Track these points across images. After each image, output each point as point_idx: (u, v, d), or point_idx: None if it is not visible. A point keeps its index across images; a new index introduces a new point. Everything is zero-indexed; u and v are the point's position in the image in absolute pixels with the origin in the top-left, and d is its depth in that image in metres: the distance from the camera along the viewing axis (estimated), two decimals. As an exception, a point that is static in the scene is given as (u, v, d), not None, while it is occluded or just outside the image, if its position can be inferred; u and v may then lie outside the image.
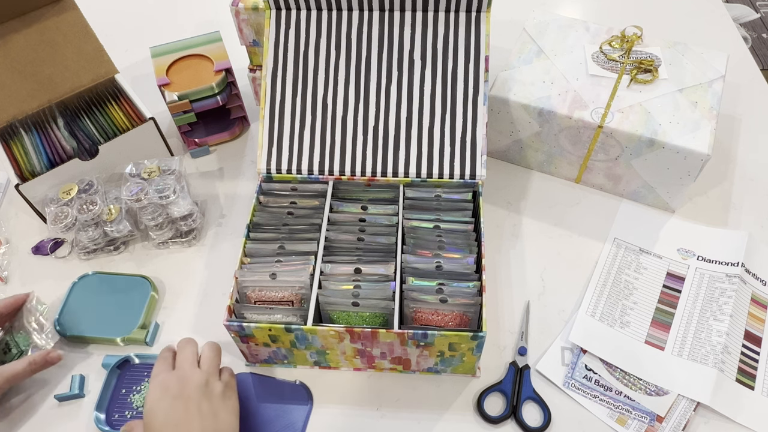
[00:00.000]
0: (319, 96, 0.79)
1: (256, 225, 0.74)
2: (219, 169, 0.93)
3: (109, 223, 0.80)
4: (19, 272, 0.83)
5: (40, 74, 0.82)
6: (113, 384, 0.70)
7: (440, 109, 0.77)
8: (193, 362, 0.61)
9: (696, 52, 0.87)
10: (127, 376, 0.70)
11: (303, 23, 0.79)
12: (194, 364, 0.61)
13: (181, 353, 0.63)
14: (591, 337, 0.73)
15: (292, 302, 0.69)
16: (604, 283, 0.79)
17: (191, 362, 0.61)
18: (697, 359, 0.71)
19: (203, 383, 0.59)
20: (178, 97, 0.86)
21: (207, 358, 0.62)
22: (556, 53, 0.88)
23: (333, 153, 0.78)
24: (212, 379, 0.61)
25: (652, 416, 0.67)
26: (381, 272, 0.69)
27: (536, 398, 0.69)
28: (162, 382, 0.59)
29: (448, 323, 0.67)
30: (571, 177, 0.90)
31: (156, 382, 0.59)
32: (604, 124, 0.79)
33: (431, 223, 0.73)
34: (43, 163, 0.81)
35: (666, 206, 0.86)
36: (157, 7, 1.20)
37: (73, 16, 0.85)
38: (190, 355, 0.62)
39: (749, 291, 0.77)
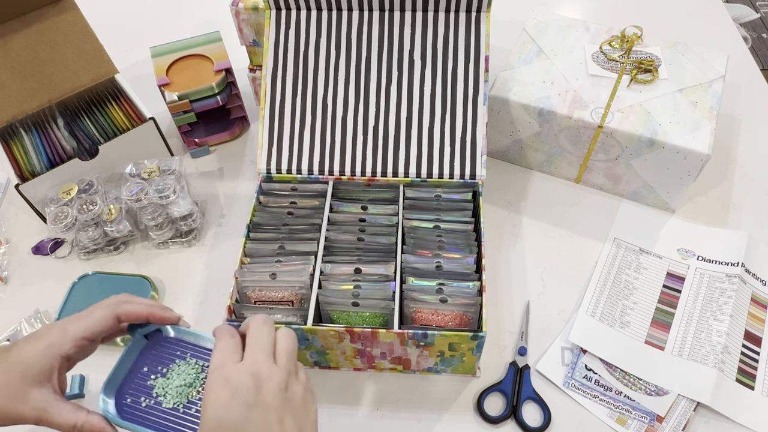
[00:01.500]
0: (319, 96, 0.79)
1: (256, 225, 0.74)
2: (219, 169, 0.93)
3: (109, 223, 0.80)
4: (19, 272, 0.83)
5: (40, 74, 0.82)
6: (134, 359, 0.52)
7: (440, 109, 0.77)
8: (270, 354, 0.46)
9: (696, 52, 0.87)
10: (154, 352, 0.53)
11: (303, 23, 0.79)
12: (271, 357, 0.46)
13: (254, 339, 0.46)
14: (591, 337, 0.73)
15: (292, 302, 0.69)
16: (604, 283, 0.79)
17: (268, 354, 0.46)
18: (697, 359, 0.71)
19: (283, 386, 0.44)
20: (178, 97, 0.86)
21: (284, 350, 0.47)
22: (556, 53, 0.88)
23: (333, 153, 0.78)
24: (292, 379, 0.46)
25: (652, 416, 0.67)
26: (381, 272, 0.69)
27: (536, 398, 0.69)
28: (230, 379, 0.43)
29: (448, 323, 0.67)
30: (571, 177, 0.90)
31: (220, 379, 0.44)
32: (604, 124, 0.79)
33: (431, 223, 0.73)
34: (43, 163, 0.81)
35: (666, 206, 0.86)
36: (157, 7, 1.20)
37: (73, 16, 0.85)
38: (267, 343, 0.46)
39: (749, 291, 0.77)
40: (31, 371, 0.48)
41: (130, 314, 0.51)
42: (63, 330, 0.49)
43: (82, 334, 0.49)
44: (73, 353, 0.49)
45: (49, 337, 0.49)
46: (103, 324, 0.50)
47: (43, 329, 0.50)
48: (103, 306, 0.51)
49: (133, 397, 0.50)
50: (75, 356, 0.50)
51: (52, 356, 0.48)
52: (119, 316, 0.51)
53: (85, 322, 0.50)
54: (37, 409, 0.47)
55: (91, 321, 0.50)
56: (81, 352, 0.50)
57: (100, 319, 0.50)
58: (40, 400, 0.48)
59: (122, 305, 0.51)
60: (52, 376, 0.48)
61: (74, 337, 0.49)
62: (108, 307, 0.51)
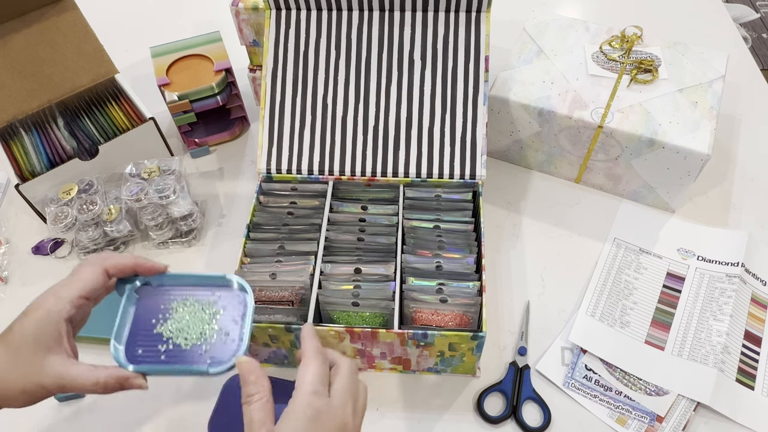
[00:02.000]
0: (319, 96, 0.79)
1: (256, 225, 0.74)
2: (219, 169, 0.93)
3: (109, 223, 0.80)
4: (19, 272, 0.83)
5: (40, 74, 0.82)
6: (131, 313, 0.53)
7: (440, 109, 0.77)
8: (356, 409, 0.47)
9: (696, 52, 0.87)
10: (149, 302, 0.54)
11: (303, 23, 0.79)
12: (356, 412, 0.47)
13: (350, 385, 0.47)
14: (591, 337, 0.73)
15: (292, 302, 0.69)
16: (604, 283, 0.79)
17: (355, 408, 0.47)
18: (697, 359, 0.71)
19: None
20: (178, 97, 0.86)
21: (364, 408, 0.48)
22: (556, 53, 0.88)
23: (333, 153, 0.78)
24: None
25: (652, 416, 0.67)
26: (381, 272, 0.69)
27: (536, 398, 0.69)
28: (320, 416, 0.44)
29: (448, 323, 0.67)
30: (571, 177, 0.90)
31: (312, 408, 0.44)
32: (604, 124, 0.79)
33: (431, 223, 0.73)
34: (43, 163, 0.81)
35: (666, 206, 0.86)
36: (157, 7, 1.20)
37: (73, 16, 0.85)
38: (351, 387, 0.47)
39: (749, 291, 0.77)
40: (40, 341, 0.47)
41: (117, 266, 0.51)
42: (56, 295, 0.49)
43: (78, 293, 0.49)
44: (74, 314, 0.49)
45: (45, 304, 0.49)
46: (94, 280, 0.50)
47: (35, 301, 0.50)
48: (89, 263, 0.51)
49: (145, 347, 0.51)
50: (76, 318, 0.49)
51: (56, 321, 0.48)
52: (107, 269, 0.50)
53: (76, 282, 0.50)
54: (55, 375, 0.47)
55: (81, 280, 0.50)
56: (80, 312, 0.50)
57: (91, 276, 0.50)
58: (57, 365, 0.47)
59: (108, 260, 0.51)
60: (61, 340, 0.48)
61: (71, 298, 0.49)
62: (94, 264, 0.51)
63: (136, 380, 0.48)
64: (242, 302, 0.53)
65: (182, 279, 0.54)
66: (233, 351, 0.50)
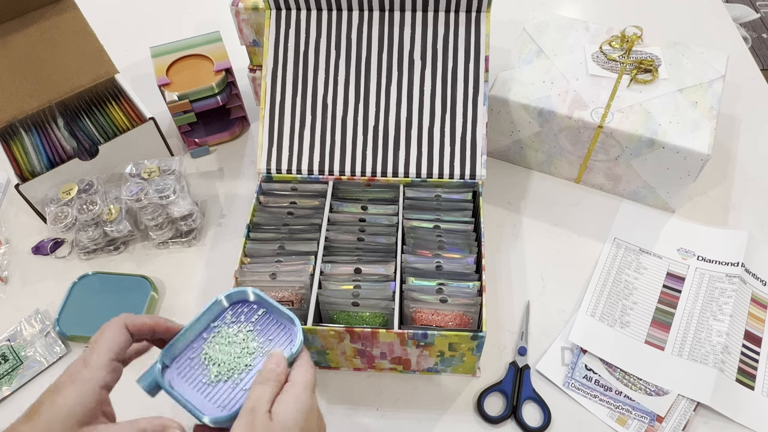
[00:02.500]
0: (319, 96, 0.79)
1: (256, 225, 0.74)
2: (219, 169, 0.93)
3: (109, 223, 0.80)
4: (19, 272, 0.83)
5: (40, 74, 0.82)
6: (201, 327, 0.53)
7: (440, 109, 0.77)
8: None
9: (696, 52, 0.87)
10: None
11: (303, 23, 0.79)
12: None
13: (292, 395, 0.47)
14: (591, 337, 0.73)
15: (292, 302, 0.69)
16: (604, 283, 0.79)
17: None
18: (697, 359, 0.71)
19: None
20: (178, 97, 0.86)
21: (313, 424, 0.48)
22: (556, 53, 0.88)
23: (333, 153, 0.78)
24: None
25: (652, 416, 0.67)
26: (381, 272, 0.69)
27: (536, 398, 0.69)
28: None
29: (448, 323, 0.67)
30: (571, 177, 0.90)
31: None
32: (604, 124, 0.79)
33: (431, 223, 0.73)
34: (43, 163, 0.81)
35: (666, 206, 0.86)
36: (157, 7, 1.20)
37: (73, 16, 0.86)
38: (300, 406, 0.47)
39: (749, 291, 0.77)
40: (74, 416, 0.45)
41: (137, 325, 0.49)
42: (87, 365, 0.47)
43: (108, 356, 0.47)
44: (110, 379, 0.47)
45: (78, 376, 0.46)
46: (119, 340, 0.48)
47: (64, 374, 0.47)
48: (110, 325, 0.49)
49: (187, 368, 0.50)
50: (113, 381, 0.47)
51: (92, 392, 0.45)
52: (127, 325, 0.49)
53: (103, 346, 0.48)
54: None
55: (107, 341, 0.48)
56: (116, 374, 0.48)
57: (115, 336, 0.48)
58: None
59: (126, 318, 0.50)
60: (98, 411, 0.46)
61: (103, 364, 0.47)
62: (114, 324, 0.49)
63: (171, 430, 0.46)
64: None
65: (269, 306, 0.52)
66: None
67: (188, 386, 0.49)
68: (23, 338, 0.74)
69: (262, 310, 0.52)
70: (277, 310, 0.51)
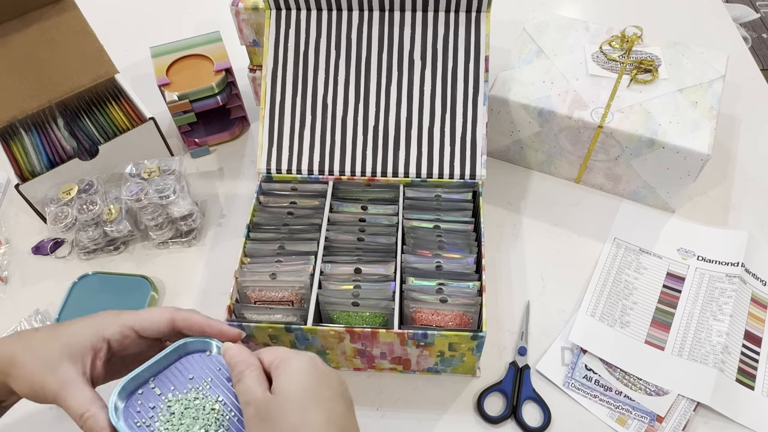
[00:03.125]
0: (319, 96, 0.79)
1: (256, 225, 0.74)
2: (219, 169, 0.93)
3: (109, 223, 0.80)
4: (19, 272, 0.83)
5: (40, 74, 0.82)
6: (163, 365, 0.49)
7: (440, 109, 0.77)
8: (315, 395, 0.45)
9: (696, 52, 0.87)
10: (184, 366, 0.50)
11: (303, 23, 0.79)
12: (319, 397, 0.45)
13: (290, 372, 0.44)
14: (591, 337, 0.73)
15: (292, 302, 0.69)
16: (604, 283, 0.79)
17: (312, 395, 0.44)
18: (697, 359, 0.71)
19: None
20: (178, 97, 0.86)
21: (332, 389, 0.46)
22: (556, 53, 0.88)
23: (333, 153, 0.78)
24: None
25: (652, 416, 0.67)
26: (381, 272, 0.69)
27: (536, 398, 0.69)
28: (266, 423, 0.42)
29: (448, 323, 0.67)
30: (571, 177, 0.90)
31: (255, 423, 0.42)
32: (604, 124, 0.79)
33: (431, 223, 0.73)
34: (43, 163, 0.81)
35: (666, 206, 0.86)
36: (157, 7, 1.20)
37: (73, 16, 0.85)
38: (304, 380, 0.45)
39: (749, 291, 0.77)
40: (70, 344, 0.45)
41: (187, 320, 0.48)
42: (117, 314, 0.47)
43: (132, 323, 0.47)
44: (115, 339, 0.46)
45: (102, 317, 0.47)
46: (154, 322, 0.47)
47: (103, 311, 0.48)
48: (163, 308, 0.49)
49: (142, 408, 0.46)
50: (117, 345, 0.47)
51: (94, 334, 0.46)
52: (175, 320, 0.48)
53: (140, 314, 0.48)
54: (60, 382, 0.44)
55: (145, 315, 0.48)
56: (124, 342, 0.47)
57: (155, 317, 0.48)
58: (67, 373, 0.44)
59: (180, 311, 0.49)
60: (86, 354, 0.45)
61: (123, 324, 0.47)
62: (167, 309, 0.49)
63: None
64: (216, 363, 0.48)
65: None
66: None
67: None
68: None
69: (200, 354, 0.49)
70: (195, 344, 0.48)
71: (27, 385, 0.45)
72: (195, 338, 0.49)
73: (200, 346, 0.49)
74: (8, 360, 0.45)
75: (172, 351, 0.48)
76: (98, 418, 0.43)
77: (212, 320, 0.49)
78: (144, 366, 0.46)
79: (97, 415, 0.43)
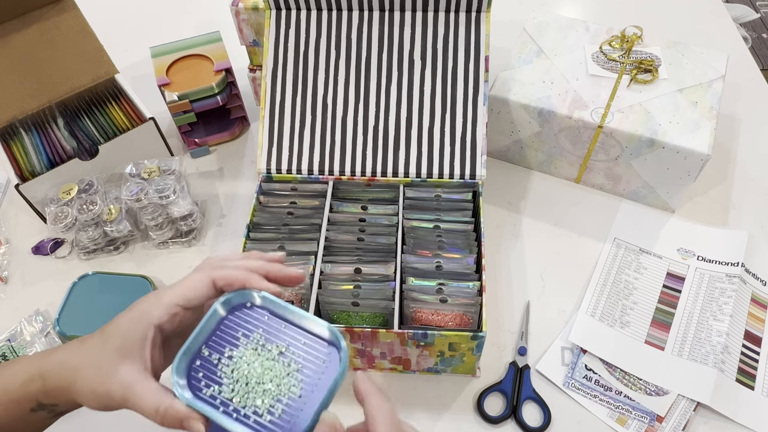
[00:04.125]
0: (319, 96, 0.79)
1: (256, 225, 0.74)
2: (219, 169, 0.93)
3: (109, 223, 0.80)
4: (19, 272, 0.83)
5: (40, 74, 0.82)
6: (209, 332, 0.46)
7: (440, 109, 0.77)
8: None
9: (696, 52, 0.87)
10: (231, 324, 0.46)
11: (303, 23, 0.79)
12: None
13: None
14: (591, 337, 0.73)
15: (292, 302, 0.69)
16: (604, 283, 0.79)
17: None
18: (697, 359, 0.71)
19: None
20: (178, 97, 0.86)
21: None
22: (556, 53, 0.88)
23: (333, 153, 0.78)
24: None
25: (652, 416, 0.67)
26: (381, 272, 0.69)
27: (536, 398, 0.69)
28: None
29: (448, 323, 0.67)
30: (571, 177, 0.90)
31: None
32: (604, 124, 0.79)
33: (431, 223, 0.73)
34: (43, 163, 0.81)
35: (666, 206, 0.86)
36: (157, 7, 1.20)
37: (73, 16, 0.85)
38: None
39: (749, 291, 0.77)
40: (125, 342, 0.43)
41: (226, 279, 0.45)
42: (157, 297, 0.45)
43: (176, 300, 0.45)
44: (166, 321, 0.44)
45: (142, 305, 0.45)
46: (197, 289, 0.45)
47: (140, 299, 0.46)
48: (199, 269, 0.47)
49: (206, 379, 0.43)
50: (168, 326, 0.45)
51: (145, 325, 0.44)
52: (215, 280, 0.46)
53: (179, 287, 0.45)
54: (124, 385, 0.42)
55: (184, 286, 0.45)
56: (174, 320, 0.45)
57: (195, 284, 0.45)
58: (128, 374, 0.42)
59: (217, 269, 0.46)
60: (144, 348, 0.43)
61: (167, 304, 0.44)
62: (203, 271, 0.46)
63: (194, 423, 0.40)
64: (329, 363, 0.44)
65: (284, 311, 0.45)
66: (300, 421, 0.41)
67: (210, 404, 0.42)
68: (23, 338, 0.74)
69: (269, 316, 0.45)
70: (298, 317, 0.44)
71: (93, 398, 0.43)
72: (234, 293, 0.46)
73: (241, 299, 0.46)
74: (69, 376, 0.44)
75: (213, 314, 0.45)
76: (175, 406, 0.41)
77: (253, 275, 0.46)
78: (190, 338, 0.44)
79: (172, 404, 0.41)
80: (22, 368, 0.45)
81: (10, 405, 0.45)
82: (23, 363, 0.46)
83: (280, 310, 0.45)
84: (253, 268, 0.46)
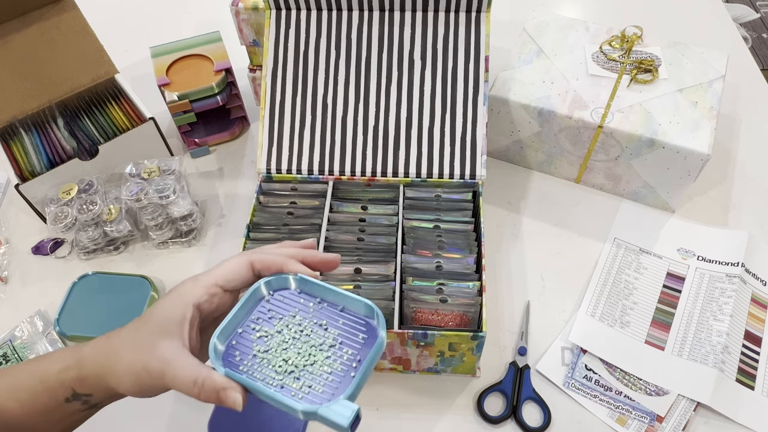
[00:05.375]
0: (319, 96, 0.79)
1: (256, 225, 0.74)
2: (219, 169, 0.93)
3: (109, 223, 0.80)
4: (19, 272, 0.83)
5: (40, 74, 0.82)
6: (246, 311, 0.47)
7: (440, 109, 0.77)
8: None
9: (696, 52, 0.87)
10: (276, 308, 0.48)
11: (303, 23, 0.79)
12: None
13: None
14: (591, 337, 0.73)
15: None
16: (604, 283, 0.79)
17: None
18: (697, 359, 0.71)
19: None
20: (178, 97, 0.86)
21: None
22: (556, 53, 0.88)
23: (333, 153, 0.78)
24: None
25: (652, 416, 0.67)
26: (381, 272, 0.69)
27: (536, 398, 0.69)
28: None
29: (448, 323, 0.67)
30: (571, 177, 0.90)
31: None
32: (604, 124, 0.79)
33: (431, 223, 0.73)
34: (43, 163, 0.81)
35: (666, 206, 0.86)
36: (157, 7, 1.20)
37: (73, 16, 0.86)
38: None
39: (749, 291, 0.77)
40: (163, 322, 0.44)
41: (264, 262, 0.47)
42: (195, 279, 0.47)
43: (214, 280, 0.46)
44: (205, 300, 0.45)
45: (181, 287, 0.46)
46: (236, 271, 0.47)
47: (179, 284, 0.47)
48: (238, 254, 0.48)
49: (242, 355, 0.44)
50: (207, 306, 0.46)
51: (184, 305, 0.45)
52: (253, 263, 0.47)
53: (219, 269, 0.47)
54: (163, 360, 0.42)
55: (223, 268, 0.47)
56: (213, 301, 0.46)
57: (234, 266, 0.47)
58: (167, 350, 0.43)
59: (256, 253, 0.48)
60: (183, 326, 0.44)
61: (205, 284, 0.46)
62: (243, 255, 0.47)
63: (231, 393, 0.41)
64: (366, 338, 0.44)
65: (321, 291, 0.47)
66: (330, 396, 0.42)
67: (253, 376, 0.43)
68: (23, 338, 0.74)
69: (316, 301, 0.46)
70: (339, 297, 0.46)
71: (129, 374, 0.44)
72: (274, 277, 0.47)
73: (281, 283, 0.48)
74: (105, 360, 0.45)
75: (254, 292, 0.47)
76: (214, 377, 0.42)
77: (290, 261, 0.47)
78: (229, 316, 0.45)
79: (211, 375, 0.42)
80: (61, 356, 0.46)
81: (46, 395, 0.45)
82: (63, 351, 0.47)
83: (317, 290, 0.46)
84: (289, 254, 0.48)
